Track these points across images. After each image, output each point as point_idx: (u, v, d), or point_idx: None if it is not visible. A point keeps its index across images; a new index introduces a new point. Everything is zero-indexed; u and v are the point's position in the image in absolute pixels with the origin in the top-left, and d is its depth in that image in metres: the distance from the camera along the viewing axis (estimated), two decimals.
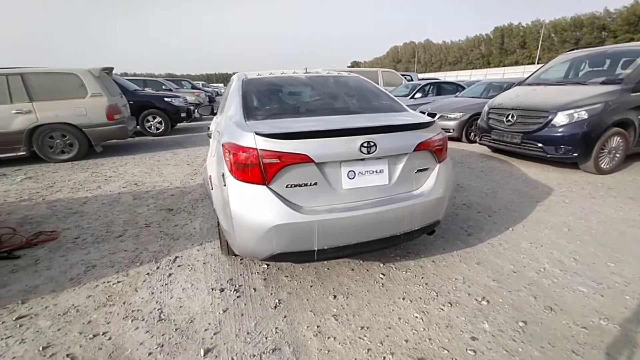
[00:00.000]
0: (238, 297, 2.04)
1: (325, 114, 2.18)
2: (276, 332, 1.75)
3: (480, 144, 5.73)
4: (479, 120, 5.76)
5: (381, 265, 2.36)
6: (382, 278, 2.21)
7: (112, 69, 7.03)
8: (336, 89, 2.58)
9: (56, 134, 5.83)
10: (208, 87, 32.19)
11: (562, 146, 4.29)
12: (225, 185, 1.78)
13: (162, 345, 1.67)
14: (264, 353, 1.61)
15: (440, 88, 9.62)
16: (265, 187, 1.70)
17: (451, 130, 6.85)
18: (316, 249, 1.76)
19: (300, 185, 1.74)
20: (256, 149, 1.66)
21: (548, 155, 4.50)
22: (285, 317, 1.87)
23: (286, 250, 1.74)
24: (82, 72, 5.93)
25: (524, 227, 2.94)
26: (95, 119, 5.98)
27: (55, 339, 1.72)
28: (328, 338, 1.70)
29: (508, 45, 69.29)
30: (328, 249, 1.79)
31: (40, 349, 1.66)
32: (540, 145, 4.51)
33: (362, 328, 1.77)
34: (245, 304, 1.98)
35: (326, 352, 1.62)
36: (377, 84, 11.66)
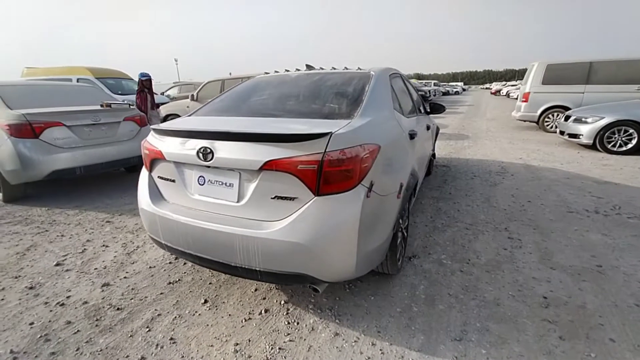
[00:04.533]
0: (173, 268, 2.40)
1: (245, 114, 2.04)
2: (149, 309, 1.99)
3: None
4: None
5: (309, 307, 1.89)
6: (286, 315, 1.83)
7: None
8: (300, 89, 2.20)
9: None
10: (438, 85, 31.86)
11: None
12: None
13: (105, 268, 2.38)
14: (119, 309, 1.94)
15: None
16: (149, 174, 1.93)
17: None
18: (163, 242, 1.82)
19: (164, 179, 1.83)
20: (146, 140, 1.93)
21: None
22: (174, 303, 1.99)
23: (151, 235, 1.92)
24: None
25: None
26: None
27: (94, 238, 2.85)
28: (149, 331, 1.76)
29: None
30: (172, 248, 1.78)
31: (85, 240, 2.82)
32: None
33: (170, 339, 1.68)
34: (168, 276, 2.29)
35: (129, 335, 1.72)
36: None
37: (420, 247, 2.58)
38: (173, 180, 1.79)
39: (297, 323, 1.78)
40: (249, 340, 1.66)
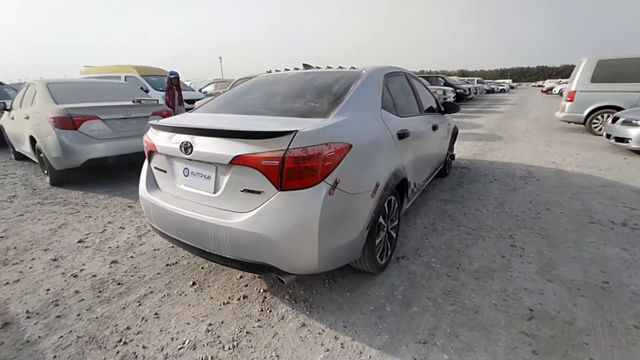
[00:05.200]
0: (174, 251, 2.62)
1: (233, 112, 2.14)
2: (144, 287, 2.22)
3: None
4: None
5: (285, 297, 1.98)
6: (261, 303, 1.94)
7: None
8: (290, 88, 2.27)
9: None
10: (482, 83, 30.05)
11: None
12: None
13: (117, 247, 2.66)
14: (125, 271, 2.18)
15: None
16: (148, 165, 2.13)
17: None
18: (156, 227, 2.00)
19: (159, 170, 2.00)
20: (146, 134, 2.12)
21: None
22: (166, 283, 2.22)
23: (147, 220, 2.11)
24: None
25: None
26: None
27: (115, 221, 3.18)
28: (139, 305, 1.96)
29: None
30: (162, 233, 1.95)
31: (107, 222, 3.16)
32: None
33: (155, 314, 1.86)
34: (167, 259, 2.50)
35: (122, 307, 1.93)
36: None
37: (413, 249, 2.54)
38: (165, 171, 1.96)
39: (270, 311, 1.87)
40: (222, 322, 1.79)
